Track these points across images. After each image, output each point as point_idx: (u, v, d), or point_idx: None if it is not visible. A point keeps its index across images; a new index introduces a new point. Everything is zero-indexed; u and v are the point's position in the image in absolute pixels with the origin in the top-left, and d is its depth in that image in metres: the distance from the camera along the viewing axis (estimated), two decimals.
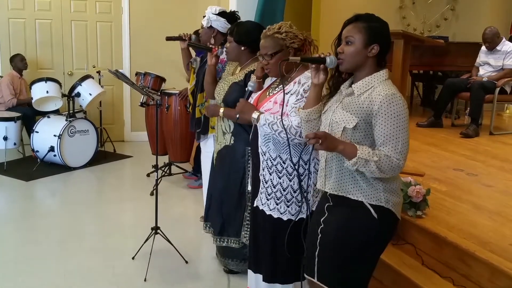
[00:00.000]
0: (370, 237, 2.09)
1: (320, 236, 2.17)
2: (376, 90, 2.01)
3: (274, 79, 2.77)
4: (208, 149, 3.84)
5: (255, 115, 2.63)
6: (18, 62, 6.67)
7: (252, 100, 2.80)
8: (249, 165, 3.16)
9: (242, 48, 3.13)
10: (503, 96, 5.89)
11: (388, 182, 2.06)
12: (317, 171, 2.50)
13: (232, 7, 5.31)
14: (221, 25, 3.70)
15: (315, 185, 2.49)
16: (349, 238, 2.09)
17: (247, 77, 3.11)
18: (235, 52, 3.16)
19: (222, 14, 3.73)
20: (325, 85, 2.22)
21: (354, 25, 2.07)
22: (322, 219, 2.18)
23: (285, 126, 2.44)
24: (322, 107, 2.21)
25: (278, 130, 2.50)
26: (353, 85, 2.09)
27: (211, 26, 3.73)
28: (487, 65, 6.09)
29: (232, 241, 3.33)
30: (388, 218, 2.10)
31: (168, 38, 4.10)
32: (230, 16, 3.74)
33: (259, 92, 2.81)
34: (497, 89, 5.78)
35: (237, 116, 2.77)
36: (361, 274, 2.17)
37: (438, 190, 3.68)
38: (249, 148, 3.10)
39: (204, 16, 3.77)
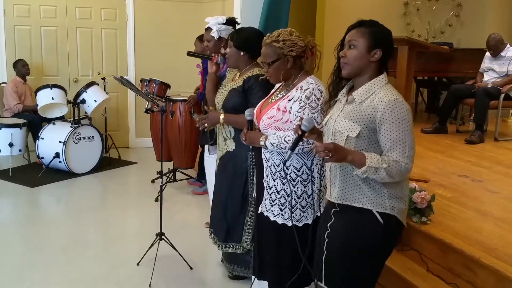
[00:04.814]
0: (375, 243, 2.09)
1: (327, 241, 2.17)
2: (378, 96, 2.00)
3: (277, 85, 2.78)
4: (211, 155, 3.85)
5: (262, 142, 2.63)
6: (20, 68, 6.70)
7: (256, 109, 2.80)
8: (251, 170, 3.17)
9: (241, 53, 3.15)
10: (508, 102, 5.86)
11: (393, 188, 2.05)
12: (321, 176, 2.51)
13: (236, 13, 5.33)
14: (229, 33, 3.69)
15: (319, 190, 2.50)
16: (355, 243, 2.09)
17: (245, 83, 3.12)
18: (235, 57, 3.18)
19: (228, 22, 3.73)
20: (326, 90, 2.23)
21: (357, 30, 2.07)
22: (329, 224, 2.18)
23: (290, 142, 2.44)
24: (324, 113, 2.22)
25: (286, 147, 2.51)
26: (353, 93, 2.08)
27: (220, 37, 3.73)
28: (491, 71, 6.08)
29: (237, 246, 3.33)
30: (393, 225, 2.10)
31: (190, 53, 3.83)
32: (231, 22, 3.75)
33: (263, 100, 2.81)
34: (502, 95, 5.77)
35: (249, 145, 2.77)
36: (367, 280, 2.17)
37: (443, 196, 3.67)
38: (251, 153, 3.11)
39: (206, 28, 3.76)
